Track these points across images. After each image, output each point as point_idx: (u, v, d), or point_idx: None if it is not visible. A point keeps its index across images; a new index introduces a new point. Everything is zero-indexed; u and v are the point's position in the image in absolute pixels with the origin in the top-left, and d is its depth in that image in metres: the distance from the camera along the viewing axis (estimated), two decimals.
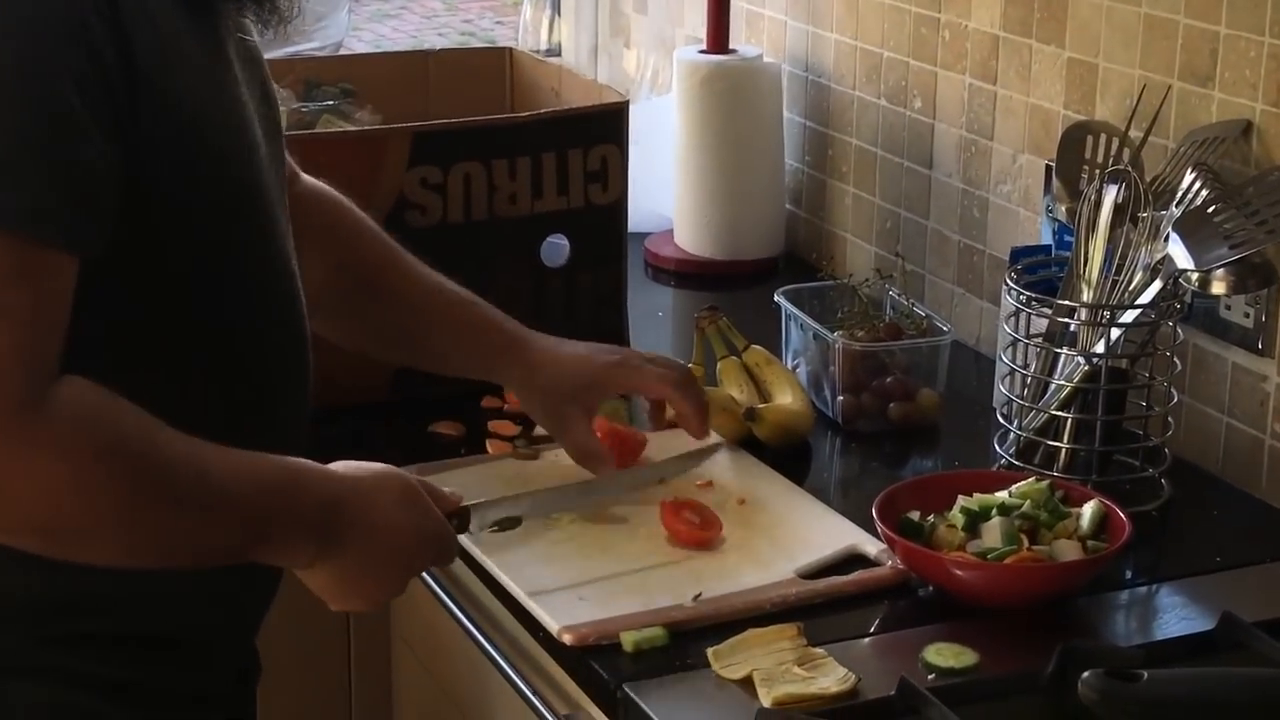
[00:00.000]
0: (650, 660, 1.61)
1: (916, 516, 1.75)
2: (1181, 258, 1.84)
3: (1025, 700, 1.54)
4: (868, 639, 1.66)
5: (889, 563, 1.75)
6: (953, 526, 1.73)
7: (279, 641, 1.76)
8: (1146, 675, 1.43)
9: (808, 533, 1.83)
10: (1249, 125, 1.92)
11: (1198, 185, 1.89)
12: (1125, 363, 1.93)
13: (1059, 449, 1.92)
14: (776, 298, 2.23)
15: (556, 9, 3.30)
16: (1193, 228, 1.85)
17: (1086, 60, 2.13)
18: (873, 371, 2.13)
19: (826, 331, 2.14)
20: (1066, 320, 1.92)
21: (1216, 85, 1.96)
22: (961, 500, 1.76)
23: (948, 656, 1.59)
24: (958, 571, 1.68)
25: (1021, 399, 1.96)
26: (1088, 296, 1.91)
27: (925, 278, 2.45)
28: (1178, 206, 1.89)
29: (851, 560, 1.78)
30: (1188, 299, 1.94)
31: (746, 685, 1.55)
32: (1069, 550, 1.70)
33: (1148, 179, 1.94)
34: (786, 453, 2.03)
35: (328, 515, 1.49)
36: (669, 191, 2.74)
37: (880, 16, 2.49)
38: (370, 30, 9.38)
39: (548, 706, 1.73)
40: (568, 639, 1.65)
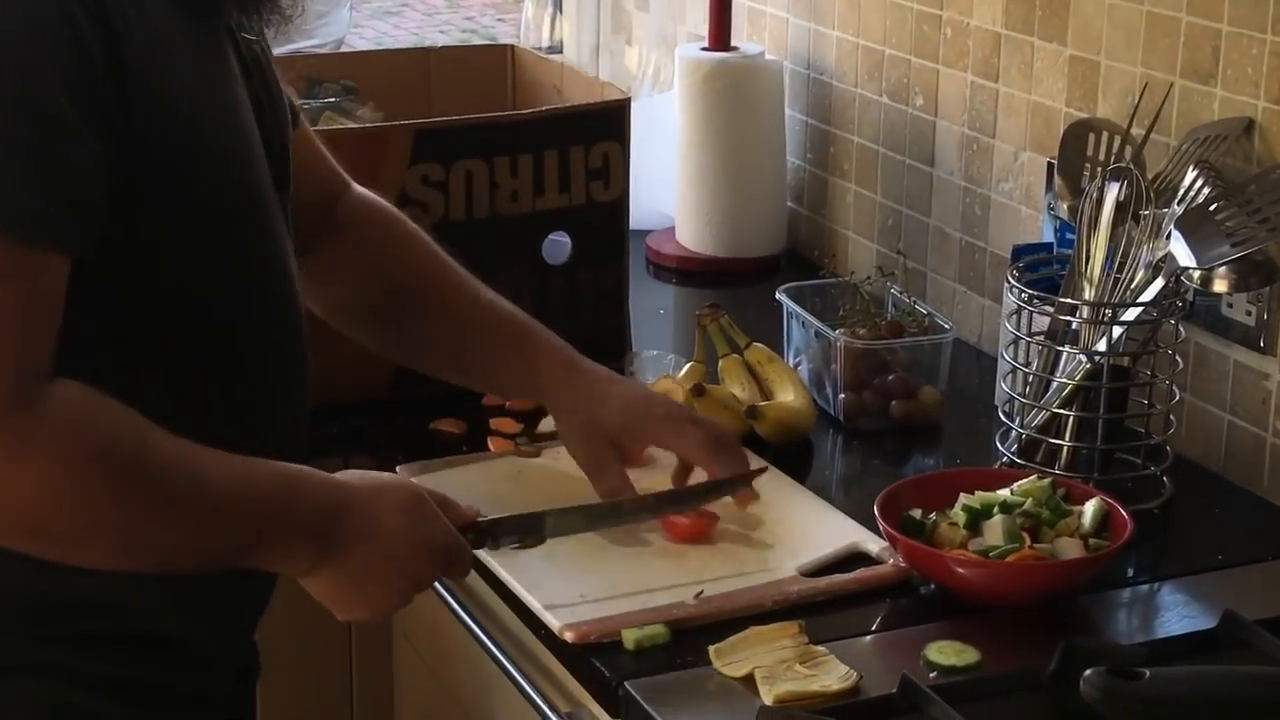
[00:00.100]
0: (652, 658, 1.61)
1: (918, 514, 1.75)
2: (1183, 255, 1.84)
3: (1027, 698, 1.54)
4: (869, 637, 1.66)
5: (891, 561, 1.75)
6: (954, 524, 1.73)
7: (280, 640, 1.76)
8: (1148, 673, 1.43)
9: (809, 530, 1.83)
10: (1251, 123, 1.92)
11: (1199, 183, 1.89)
12: (1127, 361, 1.92)
13: (1061, 447, 1.92)
14: (778, 295, 2.23)
15: (558, 6, 3.30)
16: (1194, 225, 1.85)
17: (1088, 58, 2.13)
18: (874, 369, 2.13)
19: (828, 329, 2.14)
20: (1068, 318, 1.92)
21: (1218, 83, 1.95)
22: (963, 498, 1.76)
23: (949, 654, 1.59)
24: (959, 569, 1.68)
25: (1023, 397, 1.95)
26: (1089, 294, 1.91)
27: (927, 275, 2.45)
28: (1179, 204, 1.88)
29: (853, 558, 1.78)
30: (1189, 297, 1.94)
31: (748, 683, 1.55)
32: (1071, 548, 1.70)
33: (1149, 177, 1.94)
34: (788, 450, 2.03)
35: (326, 521, 1.48)
36: (671, 189, 2.74)
37: (882, 14, 2.49)
38: (372, 27, 9.38)
39: (549, 704, 1.72)
40: (569, 637, 1.65)
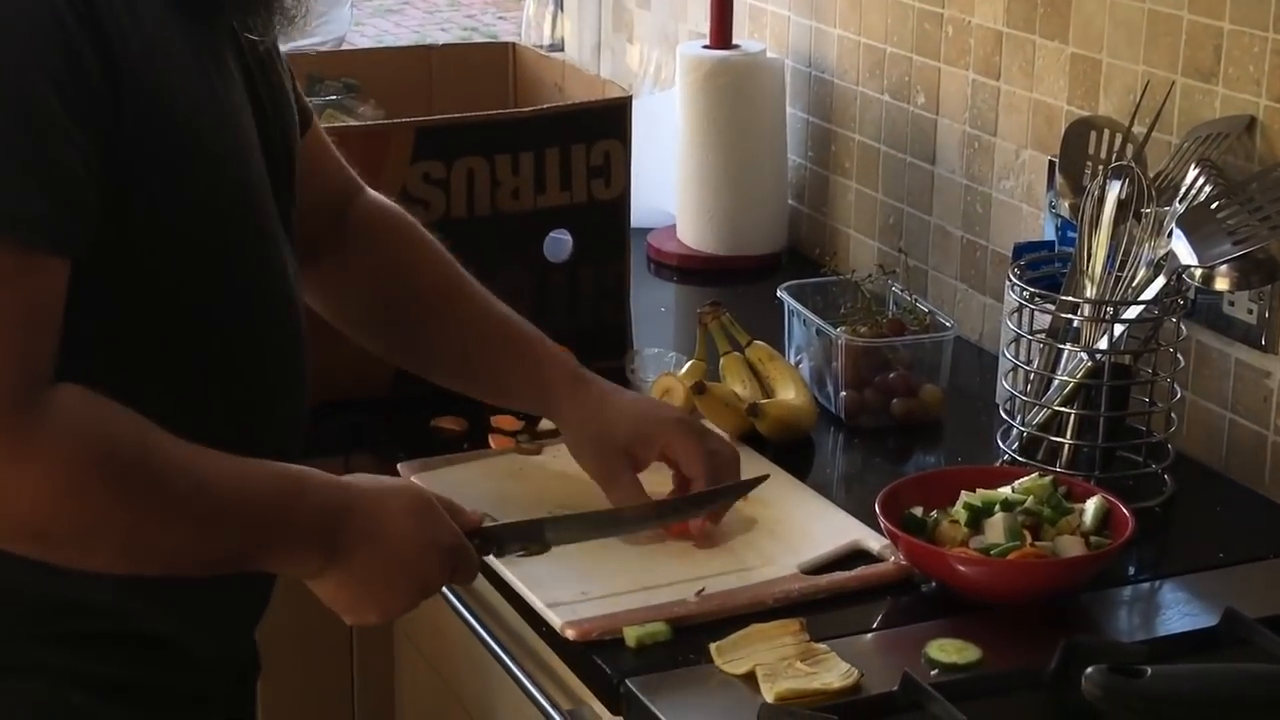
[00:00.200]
0: (653, 655, 1.61)
1: (919, 512, 1.75)
2: (1185, 254, 1.84)
3: (1028, 696, 1.54)
4: (870, 634, 1.66)
5: (892, 558, 1.75)
6: (955, 522, 1.73)
7: (282, 639, 1.76)
8: (1150, 671, 1.43)
9: (810, 528, 1.83)
10: (1252, 121, 1.92)
11: (1201, 181, 1.89)
12: (1128, 359, 1.92)
13: (1062, 445, 1.91)
14: (779, 293, 2.23)
15: (559, 4, 3.30)
16: (1196, 224, 1.85)
17: (1090, 56, 2.13)
18: (876, 367, 2.13)
19: (829, 327, 2.14)
20: (1070, 316, 1.92)
21: (1220, 81, 1.95)
22: (964, 496, 1.76)
23: (950, 652, 1.59)
24: (960, 567, 1.68)
25: (1024, 395, 1.95)
26: (1091, 292, 1.91)
27: (928, 273, 2.45)
28: (1181, 202, 1.88)
29: (854, 556, 1.78)
30: (1191, 295, 1.94)
31: (749, 680, 1.55)
32: (1072, 546, 1.70)
33: (1151, 175, 1.94)
34: (789, 448, 2.03)
35: (332, 523, 1.48)
36: (672, 187, 2.74)
37: (884, 12, 2.49)
38: (373, 25, 9.38)
39: (550, 701, 1.73)
40: (571, 634, 1.65)
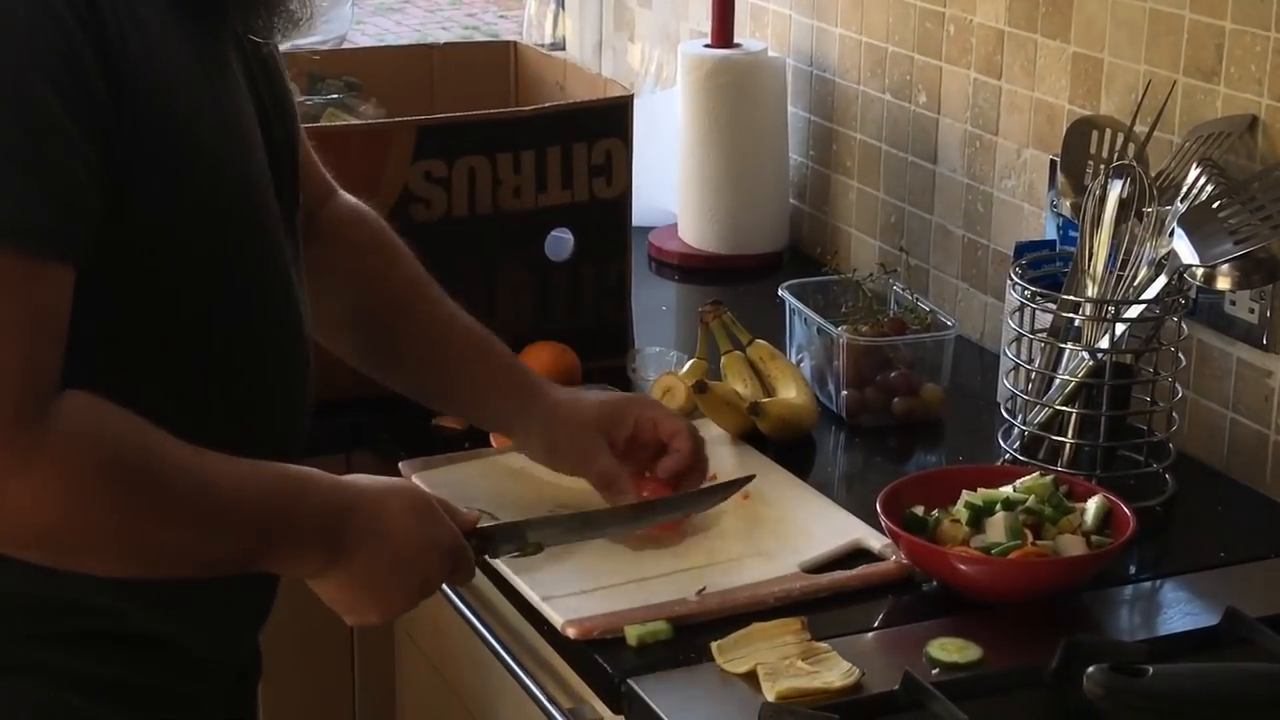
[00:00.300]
0: (654, 654, 1.61)
1: (920, 511, 1.75)
2: (1186, 253, 1.84)
3: (1029, 695, 1.54)
4: (872, 633, 1.66)
5: (893, 557, 1.75)
6: (957, 521, 1.73)
7: (283, 639, 1.76)
8: (1151, 670, 1.43)
9: (811, 527, 1.83)
10: (1254, 120, 1.92)
11: (1203, 180, 1.89)
12: (1130, 358, 1.92)
13: (1063, 444, 1.91)
14: (781, 292, 2.23)
15: (561, 3, 3.30)
16: (1198, 223, 1.85)
17: (1091, 55, 2.13)
18: (877, 366, 2.13)
19: (831, 326, 2.14)
20: (1071, 315, 1.92)
21: (1222, 80, 1.95)
22: (965, 495, 1.76)
23: (952, 651, 1.59)
24: (962, 566, 1.68)
25: (1026, 394, 1.95)
26: (1092, 291, 1.91)
27: (929, 272, 2.45)
28: (1182, 202, 1.88)
29: (855, 555, 1.78)
30: (1192, 294, 1.94)
31: (750, 679, 1.55)
32: (1073, 545, 1.70)
33: (1152, 174, 1.94)
34: (790, 447, 2.03)
35: (334, 523, 1.48)
36: (673, 186, 2.74)
37: (885, 11, 2.49)
38: (374, 24, 9.38)
39: (552, 700, 1.73)
40: (572, 633, 1.65)
